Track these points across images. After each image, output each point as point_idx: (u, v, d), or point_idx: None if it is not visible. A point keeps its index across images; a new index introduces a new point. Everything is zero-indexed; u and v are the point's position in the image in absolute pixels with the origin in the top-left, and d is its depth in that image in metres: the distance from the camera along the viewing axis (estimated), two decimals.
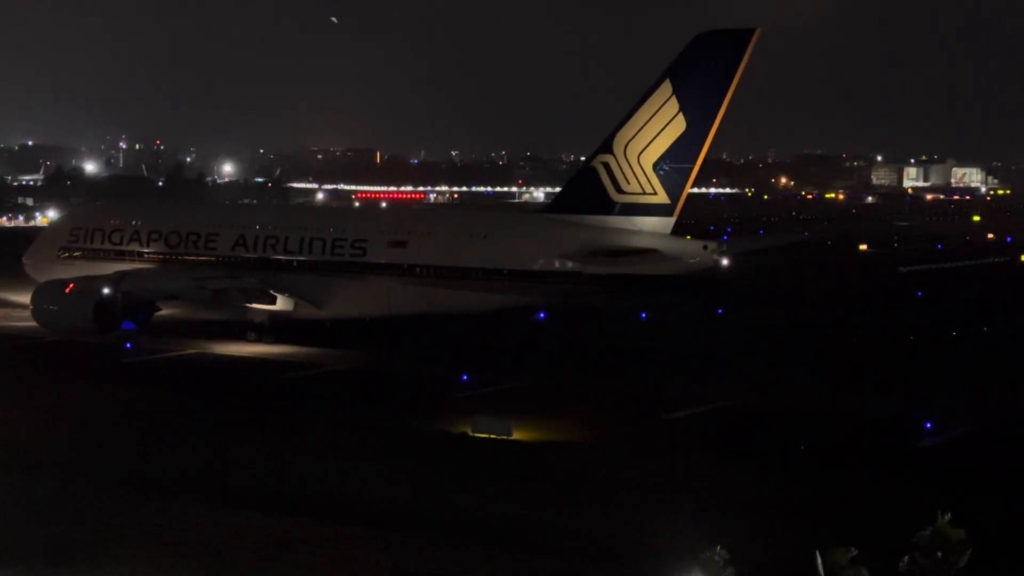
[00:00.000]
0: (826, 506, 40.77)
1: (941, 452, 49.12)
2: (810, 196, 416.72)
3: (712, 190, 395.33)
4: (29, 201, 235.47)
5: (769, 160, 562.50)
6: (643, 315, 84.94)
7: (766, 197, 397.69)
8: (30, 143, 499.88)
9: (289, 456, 46.14)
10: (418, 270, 71.24)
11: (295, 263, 75.22)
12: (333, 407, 56.23)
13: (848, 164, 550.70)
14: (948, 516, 12.37)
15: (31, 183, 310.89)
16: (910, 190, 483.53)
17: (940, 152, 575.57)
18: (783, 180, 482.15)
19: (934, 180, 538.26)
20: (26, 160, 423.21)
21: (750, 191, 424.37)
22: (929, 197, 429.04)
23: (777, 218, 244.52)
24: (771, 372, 66.60)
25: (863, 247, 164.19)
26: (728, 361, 70.07)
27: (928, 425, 51.76)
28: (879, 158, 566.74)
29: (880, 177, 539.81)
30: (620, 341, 77.43)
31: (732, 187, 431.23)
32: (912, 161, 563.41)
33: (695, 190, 74.96)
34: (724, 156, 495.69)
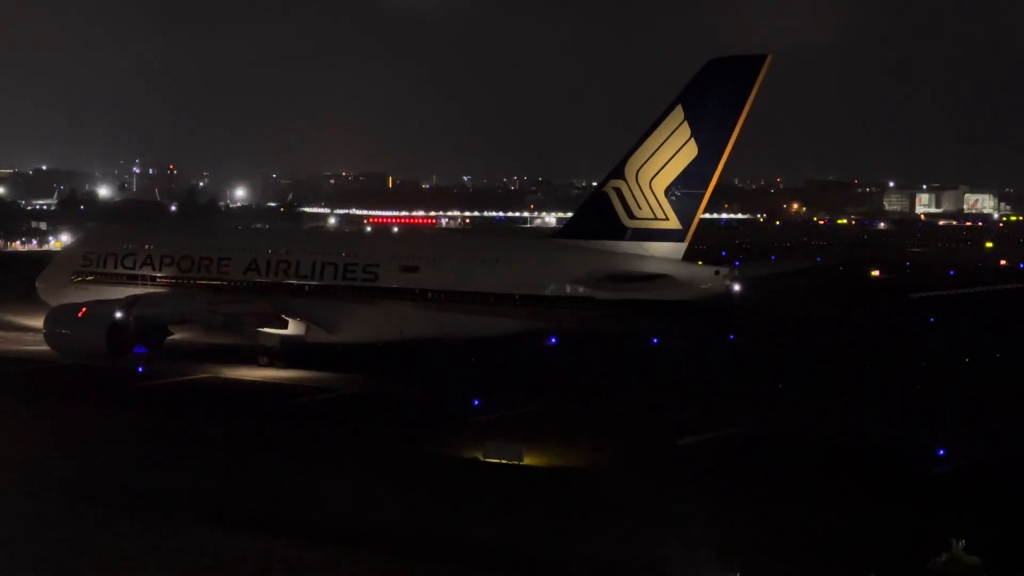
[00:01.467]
0: (839, 533, 40.53)
1: (955, 479, 48.82)
2: (822, 222, 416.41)
3: (724, 216, 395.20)
4: (43, 225, 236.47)
5: (781, 186, 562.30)
6: (654, 340, 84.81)
7: (778, 223, 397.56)
8: (44, 167, 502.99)
9: (300, 480, 46.06)
10: (429, 295, 71.28)
11: (307, 287, 75.32)
12: (344, 432, 56.10)
13: (860, 190, 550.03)
14: (963, 543, 12.31)
15: (45, 207, 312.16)
16: (923, 216, 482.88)
17: (953, 178, 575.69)
18: (795, 206, 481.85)
19: (946, 206, 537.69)
20: (40, 184, 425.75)
21: (762, 217, 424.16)
22: (942, 223, 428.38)
23: (789, 244, 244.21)
24: (783, 398, 66.43)
25: (875, 273, 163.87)
26: (740, 387, 69.86)
27: (941, 452, 51.48)
28: (891, 184, 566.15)
29: (892, 203, 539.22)
30: (631, 366, 77.27)
31: (744, 213, 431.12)
32: (924, 187, 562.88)
33: (706, 215, 74.94)
34: (736, 182, 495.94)
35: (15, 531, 38.97)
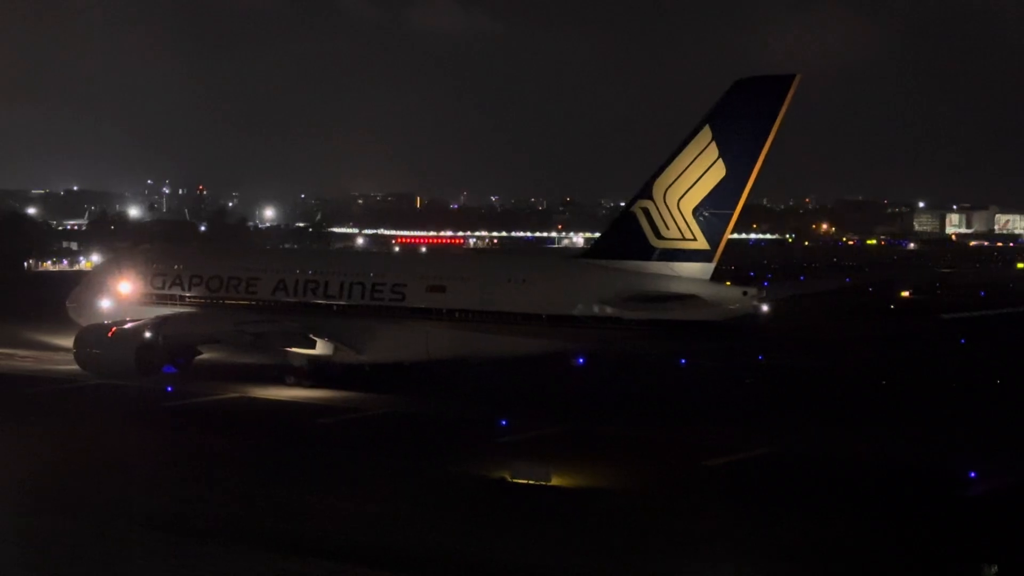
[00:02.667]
0: (868, 556, 40.21)
1: (986, 502, 48.34)
2: (851, 242, 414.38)
3: (752, 236, 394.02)
4: (74, 245, 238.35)
5: (810, 206, 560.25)
6: (682, 361, 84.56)
7: (807, 243, 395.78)
8: (75, 188, 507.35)
9: (327, 501, 46.09)
10: (456, 314, 71.30)
11: (335, 307, 75.52)
12: (371, 452, 56.10)
13: (890, 210, 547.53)
14: (995, 569, 12.16)
15: (76, 228, 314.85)
16: (954, 236, 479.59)
17: (983, 198, 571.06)
18: (824, 226, 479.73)
19: (977, 227, 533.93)
20: (71, 205, 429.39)
21: (791, 237, 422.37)
22: (972, 243, 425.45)
23: (818, 264, 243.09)
24: (812, 419, 66.03)
25: (905, 294, 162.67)
26: (768, 408, 69.54)
27: (973, 474, 51.00)
28: (921, 204, 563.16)
29: (922, 223, 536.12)
30: (659, 387, 77.05)
31: (773, 233, 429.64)
32: (955, 208, 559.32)
33: (735, 236, 74.65)
34: (765, 202, 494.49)
35: (41, 549, 39.15)
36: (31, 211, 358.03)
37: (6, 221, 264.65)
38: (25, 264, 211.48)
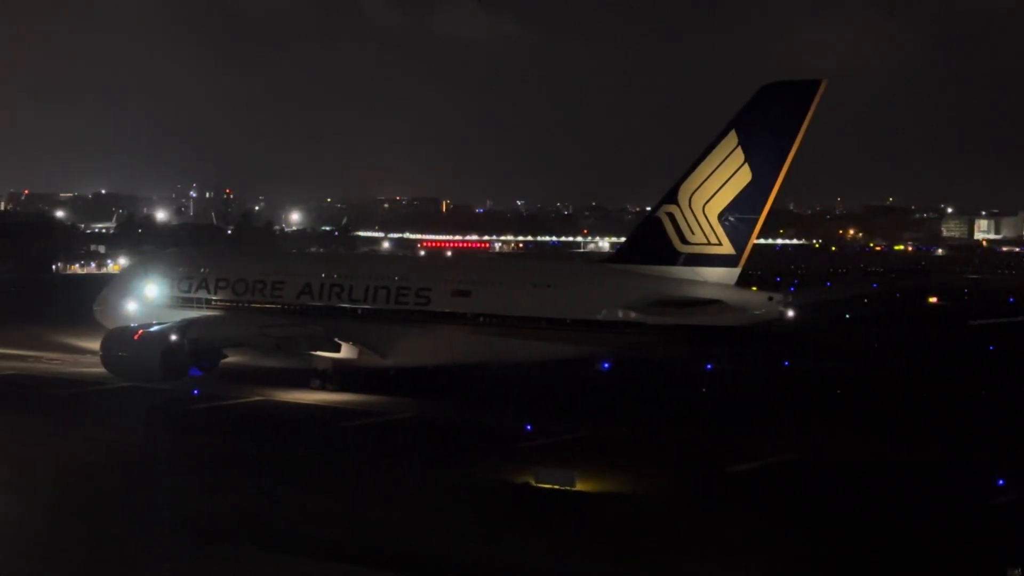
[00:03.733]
0: (894, 563, 39.97)
1: (1014, 509, 47.97)
2: (879, 248, 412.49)
3: (779, 241, 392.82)
4: (101, 248, 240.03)
5: (837, 211, 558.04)
6: (708, 366, 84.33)
7: (834, 249, 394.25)
8: (103, 191, 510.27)
9: (351, 504, 46.16)
10: (481, 319, 71.33)
11: (360, 311, 75.67)
12: (396, 456, 56.16)
13: (917, 216, 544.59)
14: (1020, 572, 12.04)
15: (103, 231, 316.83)
16: (984, 242, 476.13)
17: (1012, 203, 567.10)
18: (851, 231, 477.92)
19: (1006, 232, 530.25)
20: (99, 208, 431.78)
21: (817, 242, 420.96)
22: (1004, 249, 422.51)
23: (845, 270, 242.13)
24: (837, 425, 65.72)
25: (932, 300, 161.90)
26: (793, 414, 69.26)
27: (1001, 482, 50.62)
28: (949, 210, 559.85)
29: (950, 229, 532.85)
30: (684, 392, 76.86)
31: (799, 238, 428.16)
32: (983, 213, 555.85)
33: (761, 241, 74.41)
34: (791, 207, 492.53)
35: (67, 550, 39.37)
36: (60, 214, 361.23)
37: (35, 224, 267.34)
38: (54, 267, 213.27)
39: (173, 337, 73.85)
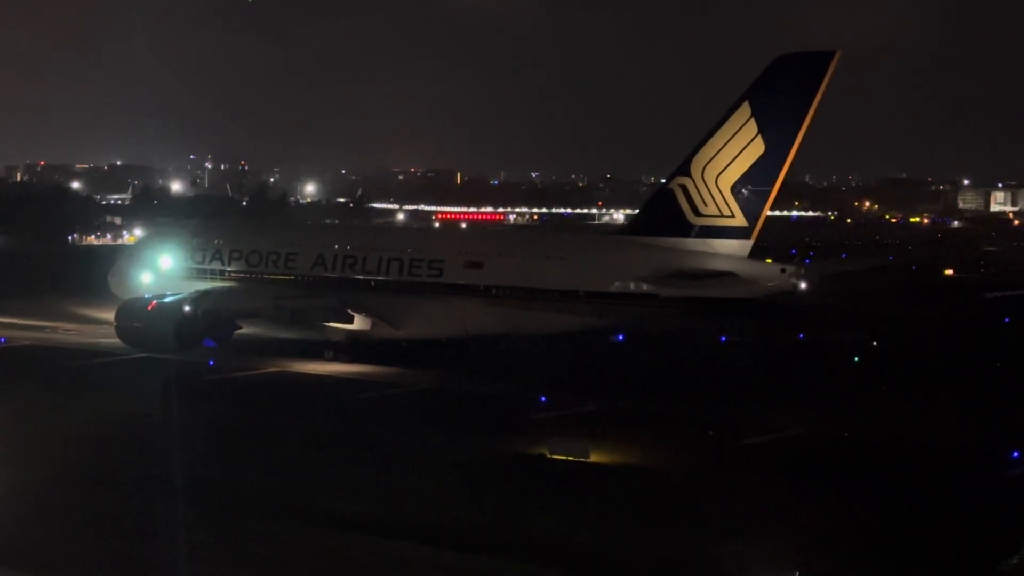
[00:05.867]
0: (906, 535, 40.00)
1: None
2: (894, 220, 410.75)
3: (794, 213, 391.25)
4: (117, 220, 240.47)
5: (852, 183, 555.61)
6: (723, 338, 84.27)
7: (849, 221, 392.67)
8: (118, 163, 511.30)
9: (366, 476, 46.35)
10: (494, 291, 71.31)
11: (373, 283, 75.75)
12: (409, 427, 56.33)
13: (933, 188, 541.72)
14: (1016, 563, 12.00)
15: (119, 202, 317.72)
16: (1011, 214, 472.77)
17: None
18: (866, 204, 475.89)
19: (1022, 204, 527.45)
20: (115, 179, 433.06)
21: (833, 214, 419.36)
22: (1017, 222, 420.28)
23: (860, 242, 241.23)
24: (852, 398, 65.64)
25: (948, 272, 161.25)
26: (807, 386, 69.21)
27: (1015, 454, 50.55)
28: (966, 182, 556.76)
29: (967, 201, 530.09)
30: (699, 364, 76.82)
31: (814, 210, 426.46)
32: (1000, 185, 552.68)
33: (776, 213, 74.23)
34: (807, 179, 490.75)
35: (86, 523, 39.63)
36: (75, 185, 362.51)
37: (51, 195, 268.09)
38: (70, 238, 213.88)
39: (186, 308, 74.03)
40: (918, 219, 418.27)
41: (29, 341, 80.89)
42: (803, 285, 66.15)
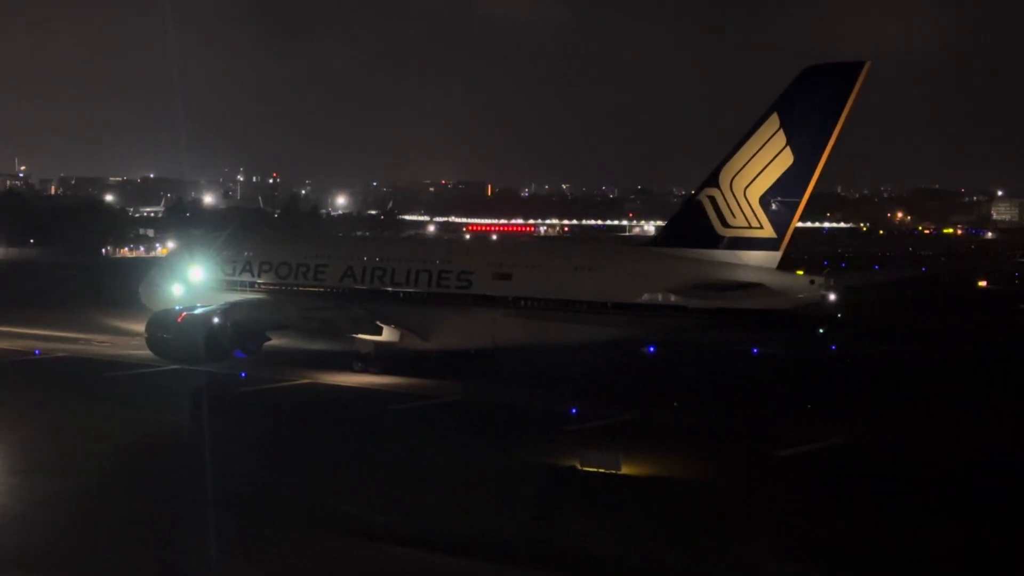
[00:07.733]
0: (939, 545, 39.68)
1: None
2: (927, 231, 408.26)
3: (826, 224, 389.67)
4: (150, 232, 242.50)
5: (885, 194, 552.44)
6: (754, 350, 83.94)
7: (882, 232, 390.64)
8: (151, 175, 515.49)
9: (397, 487, 46.36)
10: (523, 302, 71.30)
11: (402, 294, 75.93)
12: (440, 439, 56.32)
13: (967, 199, 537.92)
14: None
15: (152, 215, 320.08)
16: None
17: None
18: (899, 215, 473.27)
19: None
20: (148, 192, 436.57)
21: (865, 226, 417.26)
22: None
23: (893, 253, 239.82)
24: (885, 410, 65.25)
25: (982, 283, 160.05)
26: (840, 398, 68.81)
27: None
28: (999, 192, 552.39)
29: (1001, 212, 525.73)
30: (730, 376, 76.52)
31: (846, 221, 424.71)
32: None
33: (808, 224, 74.06)
34: (839, 190, 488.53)
35: (119, 531, 39.87)
36: (109, 198, 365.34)
37: (85, 208, 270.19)
38: (103, 251, 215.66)
39: (216, 320, 74.38)
40: (951, 230, 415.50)
41: (63, 353, 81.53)
42: (832, 297, 65.89)
